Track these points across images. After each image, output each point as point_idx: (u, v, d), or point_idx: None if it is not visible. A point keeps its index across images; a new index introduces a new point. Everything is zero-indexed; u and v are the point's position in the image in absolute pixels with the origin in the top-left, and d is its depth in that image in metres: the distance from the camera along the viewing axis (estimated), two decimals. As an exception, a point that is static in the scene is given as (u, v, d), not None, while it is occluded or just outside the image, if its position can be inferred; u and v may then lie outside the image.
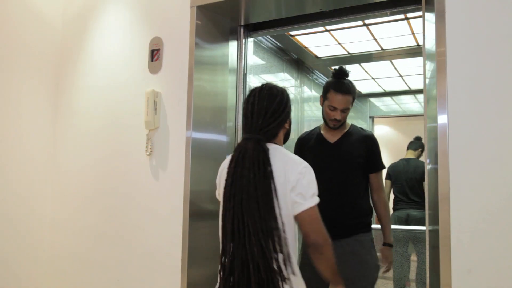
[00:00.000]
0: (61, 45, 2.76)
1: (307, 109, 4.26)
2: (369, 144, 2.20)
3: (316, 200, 1.42)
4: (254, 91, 1.57)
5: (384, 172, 5.37)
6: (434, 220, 1.69)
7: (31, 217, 2.59)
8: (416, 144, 4.31)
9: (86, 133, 2.59)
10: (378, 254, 2.20)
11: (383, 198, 2.23)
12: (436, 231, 1.64)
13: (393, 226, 3.83)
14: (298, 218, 1.41)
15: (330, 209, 1.98)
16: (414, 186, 4.10)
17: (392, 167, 4.29)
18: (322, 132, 2.24)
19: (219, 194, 1.57)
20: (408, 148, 4.34)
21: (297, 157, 1.51)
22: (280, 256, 1.35)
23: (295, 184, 1.40)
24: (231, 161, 1.47)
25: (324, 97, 2.17)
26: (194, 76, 2.18)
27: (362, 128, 2.29)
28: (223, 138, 2.33)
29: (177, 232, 2.14)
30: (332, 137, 2.19)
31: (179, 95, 2.22)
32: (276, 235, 1.35)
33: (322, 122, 2.29)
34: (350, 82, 2.17)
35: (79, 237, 2.55)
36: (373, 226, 2.32)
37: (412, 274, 3.73)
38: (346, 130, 2.22)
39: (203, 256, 2.18)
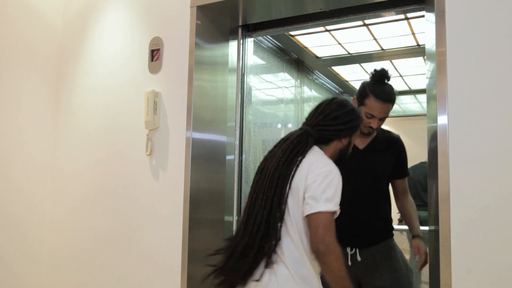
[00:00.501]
0: (61, 45, 2.76)
1: (307, 109, 4.25)
2: (399, 149, 2.09)
3: (329, 207, 1.34)
4: (331, 98, 1.59)
5: None
6: (434, 220, 1.69)
7: (31, 216, 2.59)
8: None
9: (86, 133, 2.59)
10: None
11: (410, 199, 2.16)
12: (436, 231, 1.64)
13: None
14: (307, 220, 1.37)
15: (361, 216, 1.97)
16: (420, 187, 4.14)
17: None
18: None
19: None
20: None
21: (329, 161, 1.46)
22: (272, 243, 1.38)
23: (311, 184, 1.37)
24: (277, 143, 1.51)
25: (360, 102, 1.96)
26: (194, 76, 2.18)
27: (388, 131, 2.14)
28: (223, 138, 2.33)
29: (177, 232, 2.14)
30: (361, 143, 2.03)
31: (179, 95, 2.22)
32: (278, 219, 1.38)
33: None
34: (391, 86, 1.98)
35: (79, 237, 2.55)
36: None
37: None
38: (375, 134, 2.06)
39: (203, 256, 2.18)
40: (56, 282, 2.62)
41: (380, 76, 1.96)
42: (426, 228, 1.94)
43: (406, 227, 2.25)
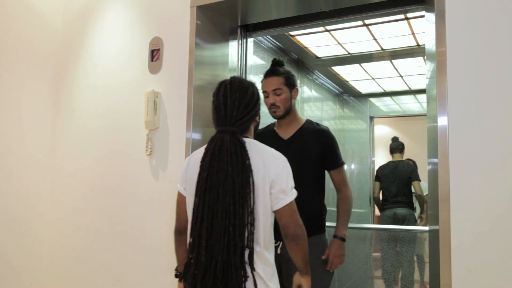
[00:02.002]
0: (61, 45, 2.76)
1: (307, 109, 4.26)
2: (325, 139, 2.06)
3: (295, 193, 1.44)
4: (223, 83, 1.53)
5: (362, 173, 5.45)
6: (434, 220, 1.69)
7: (31, 215, 2.59)
8: (398, 146, 4.48)
9: (86, 133, 2.59)
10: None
11: (345, 193, 2.15)
12: (436, 231, 1.64)
13: (386, 226, 3.91)
14: (279, 212, 1.42)
15: None
16: (402, 187, 4.25)
17: (381, 169, 4.46)
18: (275, 128, 2.12)
19: (186, 188, 1.53)
20: (393, 152, 4.49)
21: (274, 150, 1.49)
22: (246, 253, 1.35)
23: (275, 179, 1.40)
24: (205, 154, 1.43)
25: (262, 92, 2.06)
26: (194, 76, 2.18)
27: (317, 123, 2.14)
28: (223, 138, 2.33)
29: (177, 232, 2.14)
30: (285, 134, 2.07)
31: (179, 95, 2.22)
32: (247, 231, 1.35)
33: (320, 122, 2.23)
34: (281, 67, 2.07)
35: (79, 236, 2.55)
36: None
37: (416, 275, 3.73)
38: (300, 125, 2.07)
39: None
40: (56, 281, 2.62)
41: (273, 64, 2.07)
42: (426, 228, 1.95)
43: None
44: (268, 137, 2.08)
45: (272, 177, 1.40)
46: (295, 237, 1.42)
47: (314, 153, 2.05)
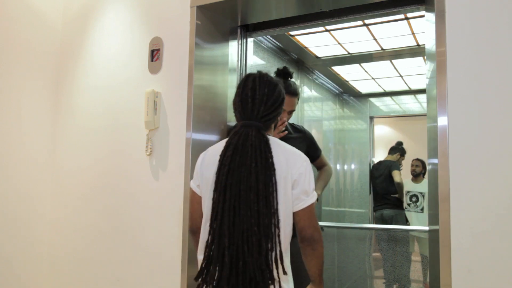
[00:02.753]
0: (61, 45, 2.76)
1: (307, 109, 4.26)
2: (308, 136, 2.32)
3: (315, 195, 1.40)
4: (251, 76, 1.47)
5: (358, 171, 5.53)
6: (434, 220, 1.69)
7: (31, 216, 2.59)
8: (395, 149, 4.63)
9: (86, 133, 2.59)
10: None
11: (326, 169, 2.38)
12: (436, 231, 1.64)
13: (386, 226, 3.95)
14: (298, 214, 1.36)
15: None
16: (387, 185, 4.38)
17: (372, 169, 4.67)
18: None
19: (200, 185, 1.47)
20: (388, 153, 4.67)
21: (297, 150, 1.45)
22: (273, 255, 1.28)
23: (298, 180, 1.36)
24: (226, 148, 1.37)
25: None
26: (194, 76, 2.18)
27: (290, 123, 2.30)
28: (223, 138, 2.33)
29: (177, 232, 2.14)
30: (276, 136, 2.15)
31: (179, 95, 2.22)
32: (272, 232, 1.28)
33: (320, 122, 2.28)
34: (294, 82, 2.15)
35: (79, 237, 2.55)
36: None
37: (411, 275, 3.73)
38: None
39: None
40: (56, 281, 2.62)
41: (284, 74, 2.12)
42: (426, 228, 1.95)
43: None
44: None
45: (295, 177, 1.36)
46: (312, 242, 1.36)
47: (303, 149, 2.14)
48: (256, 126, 1.39)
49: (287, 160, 1.37)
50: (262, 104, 1.41)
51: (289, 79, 2.14)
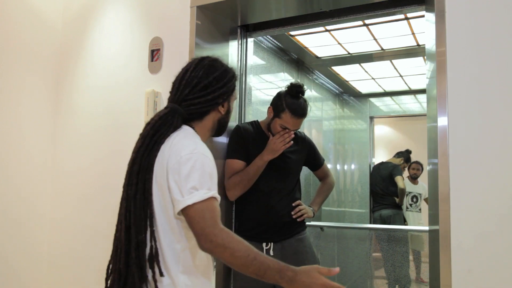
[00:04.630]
0: (61, 45, 2.76)
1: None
2: (309, 145, 2.28)
3: (198, 196, 1.12)
4: (195, 59, 1.33)
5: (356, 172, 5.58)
6: (434, 220, 1.69)
7: (31, 216, 2.59)
8: (401, 154, 4.72)
9: (86, 133, 2.59)
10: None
11: (328, 182, 2.36)
12: (436, 231, 1.64)
13: (386, 226, 3.96)
14: (183, 211, 1.15)
15: (278, 209, 2.11)
16: (386, 186, 4.42)
17: (372, 170, 4.71)
18: (264, 130, 2.19)
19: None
20: (393, 155, 4.76)
21: (191, 142, 1.21)
22: (146, 251, 1.18)
23: (171, 174, 1.16)
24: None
25: (275, 114, 2.05)
26: (194, 76, 2.18)
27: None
28: (223, 139, 2.33)
29: (177, 232, 2.14)
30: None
31: (179, 95, 2.22)
32: (144, 226, 1.19)
33: (320, 122, 2.29)
34: (305, 100, 2.10)
35: (79, 237, 2.55)
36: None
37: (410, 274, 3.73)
38: None
39: (203, 256, 2.18)
40: (56, 282, 2.62)
41: (296, 92, 2.06)
42: (426, 228, 1.95)
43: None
44: (257, 136, 2.15)
45: (169, 171, 1.19)
46: (210, 253, 1.16)
47: (301, 159, 2.24)
48: (172, 108, 1.25)
49: (170, 151, 1.20)
50: (189, 86, 1.27)
51: (300, 96, 2.06)
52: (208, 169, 1.18)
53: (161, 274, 1.17)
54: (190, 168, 1.15)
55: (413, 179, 4.68)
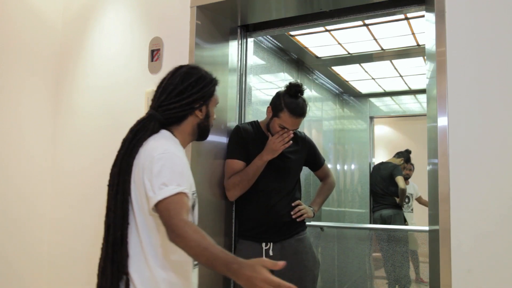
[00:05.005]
0: (61, 45, 2.76)
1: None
2: (309, 145, 2.28)
3: (168, 191, 1.20)
4: (174, 67, 1.41)
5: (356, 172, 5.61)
6: (434, 220, 1.69)
7: (31, 216, 2.58)
8: (401, 154, 4.73)
9: (86, 133, 2.59)
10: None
11: (329, 181, 2.36)
12: (436, 231, 1.64)
13: (385, 226, 3.97)
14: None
15: (278, 209, 2.12)
16: (386, 186, 4.43)
17: (372, 168, 4.73)
18: (263, 130, 2.19)
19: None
20: (393, 156, 4.76)
21: (164, 144, 1.30)
22: (124, 248, 1.26)
23: (145, 174, 1.25)
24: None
25: (274, 113, 2.06)
26: (194, 76, 2.18)
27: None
28: (223, 138, 2.33)
29: (177, 232, 2.14)
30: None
31: (179, 95, 2.22)
32: (118, 225, 1.26)
33: (320, 122, 2.30)
34: (304, 100, 2.08)
35: (79, 237, 2.55)
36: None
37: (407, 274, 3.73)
38: None
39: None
40: (56, 281, 2.62)
41: (295, 92, 2.04)
42: (426, 228, 1.95)
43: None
44: (258, 136, 2.15)
45: (145, 171, 1.27)
46: (175, 244, 1.22)
47: (301, 159, 2.24)
48: (150, 114, 1.34)
49: (145, 151, 1.30)
50: (165, 93, 1.35)
51: (299, 95, 2.06)
52: (179, 167, 1.26)
53: (124, 272, 1.25)
54: (161, 166, 1.24)
55: (405, 179, 4.72)
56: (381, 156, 6.00)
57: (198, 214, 2.16)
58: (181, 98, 1.35)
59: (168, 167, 1.24)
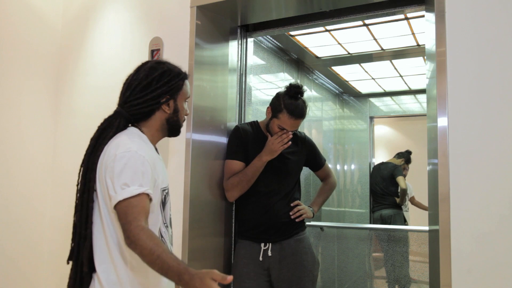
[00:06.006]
0: (61, 45, 2.76)
1: (307, 109, 4.25)
2: (309, 145, 2.27)
3: (128, 192, 1.19)
4: (141, 63, 1.41)
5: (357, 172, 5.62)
6: (434, 220, 1.70)
7: (31, 216, 2.59)
8: (402, 155, 4.74)
9: (86, 133, 2.57)
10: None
11: (330, 181, 2.36)
12: (436, 231, 1.64)
13: (385, 226, 3.98)
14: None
15: (277, 209, 2.12)
16: (386, 186, 4.45)
17: (372, 169, 4.81)
18: (263, 131, 2.19)
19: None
20: (394, 156, 4.77)
21: (126, 142, 1.27)
22: (86, 246, 1.27)
23: (106, 173, 1.24)
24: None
25: (274, 114, 2.05)
26: (194, 76, 2.18)
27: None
28: (223, 138, 2.33)
29: (177, 232, 2.13)
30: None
31: (179, 95, 2.21)
32: (89, 223, 1.27)
33: (320, 122, 2.29)
34: (304, 101, 2.06)
35: (79, 237, 2.56)
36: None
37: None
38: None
39: (204, 257, 2.18)
40: (56, 281, 2.62)
41: (295, 93, 2.03)
42: (426, 228, 1.95)
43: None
44: (258, 136, 2.15)
45: (105, 170, 1.27)
46: (134, 249, 1.21)
47: (301, 160, 2.24)
48: (116, 111, 1.35)
49: (107, 149, 1.29)
50: (129, 89, 1.35)
51: (299, 97, 2.04)
52: (141, 167, 1.23)
53: (85, 268, 1.27)
54: (123, 165, 1.21)
55: None
56: (381, 156, 6.00)
57: (198, 215, 2.17)
58: (145, 93, 1.33)
59: (130, 166, 1.22)
